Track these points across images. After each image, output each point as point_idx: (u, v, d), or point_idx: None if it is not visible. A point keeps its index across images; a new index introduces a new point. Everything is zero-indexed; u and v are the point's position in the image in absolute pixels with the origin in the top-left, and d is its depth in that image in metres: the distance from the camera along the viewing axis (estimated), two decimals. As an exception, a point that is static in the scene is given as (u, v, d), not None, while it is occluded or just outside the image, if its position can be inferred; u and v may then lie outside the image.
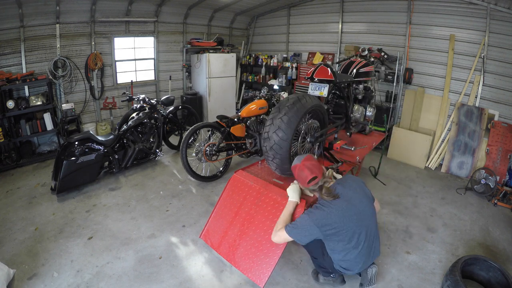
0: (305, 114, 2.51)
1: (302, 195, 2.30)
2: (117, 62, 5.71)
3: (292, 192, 2.24)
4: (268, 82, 6.77)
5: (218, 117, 3.99)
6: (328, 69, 2.87)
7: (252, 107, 4.07)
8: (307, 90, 3.00)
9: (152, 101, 4.38)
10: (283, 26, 7.13)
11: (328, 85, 2.88)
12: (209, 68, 6.35)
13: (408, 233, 3.07)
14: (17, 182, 3.92)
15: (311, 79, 2.95)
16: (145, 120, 4.28)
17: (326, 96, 2.91)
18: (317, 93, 2.90)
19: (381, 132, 4.42)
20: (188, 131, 3.78)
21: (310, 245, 2.13)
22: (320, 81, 2.90)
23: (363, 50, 3.94)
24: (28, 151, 4.71)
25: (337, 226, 1.93)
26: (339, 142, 3.13)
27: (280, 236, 2.03)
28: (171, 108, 4.82)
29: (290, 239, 2.00)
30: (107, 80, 5.60)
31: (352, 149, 3.05)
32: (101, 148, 3.74)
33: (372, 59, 3.96)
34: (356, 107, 3.59)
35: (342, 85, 3.26)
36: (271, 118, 2.44)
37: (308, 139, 2.71)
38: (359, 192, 2.09)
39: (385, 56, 4.89)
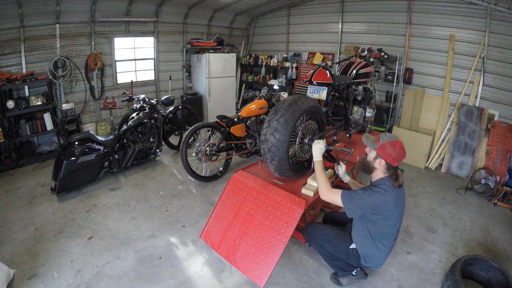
0: (301, 115, 2.51)
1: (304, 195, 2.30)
2: (117, 62, 5.71)
3: (318, 152, 2.32)
4: (268, 82, 6.76)
5: (218, 117, 3.99)
6: (327, 72, 2.86)
7: (252, 107, 4.07)
8: (307, 90, 2.99)
9: (152, 101, 4.38)
10: (283, 26, 7.13)
11: (326, 88, 2.87)
12: (209, 68, 6.35)
13: (408, 233, 3.07)
14: (17, 182, 3.92)
15: (310, 82, 2.94)
16: (145, 120, 4.28)
17: (325, 99, 2.91)
18: (316, 96, 2.90)
19: (381, 132, 4.41)
20: (188, 131, 3.78)
21: (336, 247, 2.18)
22: (319, 84, 2.90)
23: (363, 50, 3.93)
24: (28, 151, 4.71)
25: (387, 214, 1.97)
26: (337, 144, 3.13)
27: (333, 199, 2.06)
28: (171, 108, 4.82)
29: (339, 203, 2.01)
30: (107, 80, 5.60)
31: (351, 151, 3.06)
32: (101, 148, 3.74)
33: (372, 60, 3.95)
34: (355, 108, 3.58)
35: (341, 87, 3.26)
36: (268, 120, 2.44)
37: (307, 142, 2.70)
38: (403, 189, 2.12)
39: (385, 56, 4.88)
